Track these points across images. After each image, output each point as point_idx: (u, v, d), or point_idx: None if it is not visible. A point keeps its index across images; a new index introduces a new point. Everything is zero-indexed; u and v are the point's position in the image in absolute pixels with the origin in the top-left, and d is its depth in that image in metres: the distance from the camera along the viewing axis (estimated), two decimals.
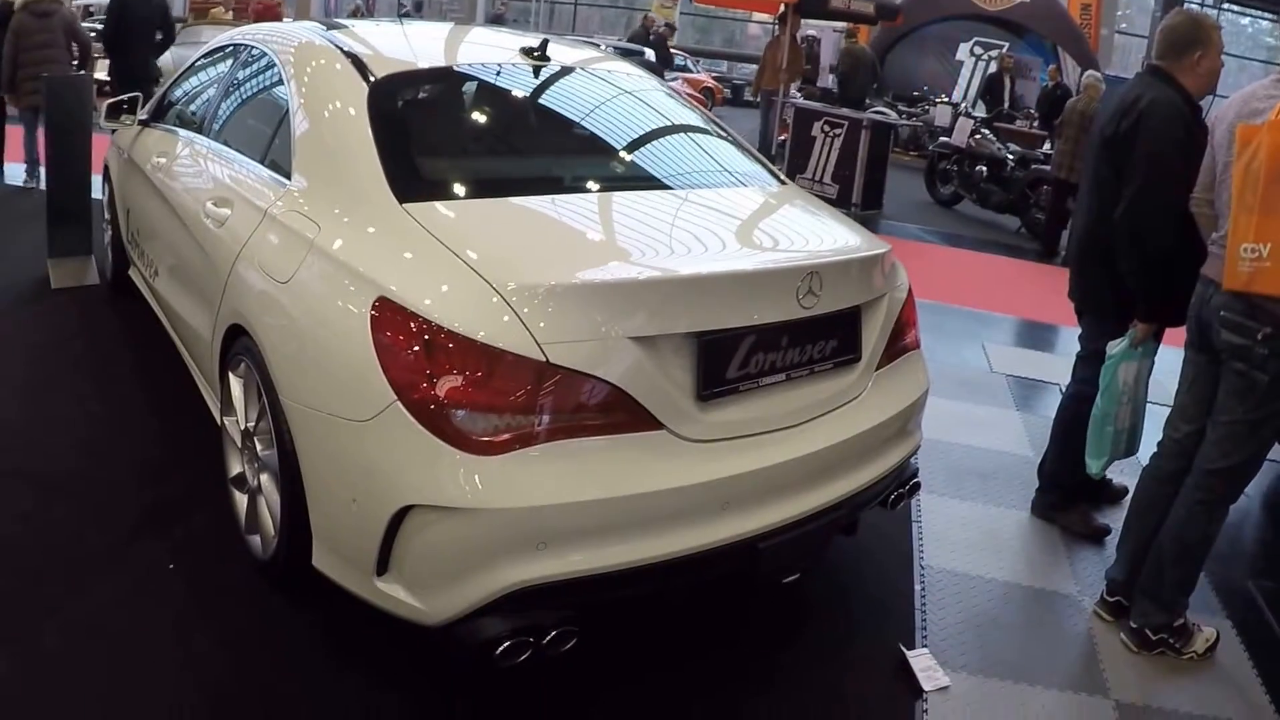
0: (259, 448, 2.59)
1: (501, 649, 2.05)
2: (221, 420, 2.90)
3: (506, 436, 2.02)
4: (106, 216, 5.02)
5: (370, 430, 2.10)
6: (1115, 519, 3.65)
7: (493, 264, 2.15)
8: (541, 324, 2.05)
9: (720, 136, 3.36)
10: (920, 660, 2.76)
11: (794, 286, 2.37)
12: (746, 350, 2.31)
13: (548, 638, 2.10)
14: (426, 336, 2.06)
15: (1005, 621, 3.04)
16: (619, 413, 2.11)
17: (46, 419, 3.56)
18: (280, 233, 2.61)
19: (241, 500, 2.76)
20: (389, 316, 2.12)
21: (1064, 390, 3.73)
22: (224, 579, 2.71)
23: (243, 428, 2.70)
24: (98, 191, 5.39)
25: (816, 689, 2.62)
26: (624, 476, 2.09)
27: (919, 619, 2.98)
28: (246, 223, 2.78)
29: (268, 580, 2.65)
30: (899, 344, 2.80)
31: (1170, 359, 3.29)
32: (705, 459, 2.20)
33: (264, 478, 2.56)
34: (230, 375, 2.77)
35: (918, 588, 3.16)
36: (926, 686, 2.65)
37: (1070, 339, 6.45)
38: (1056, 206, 8.88)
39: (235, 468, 2.80)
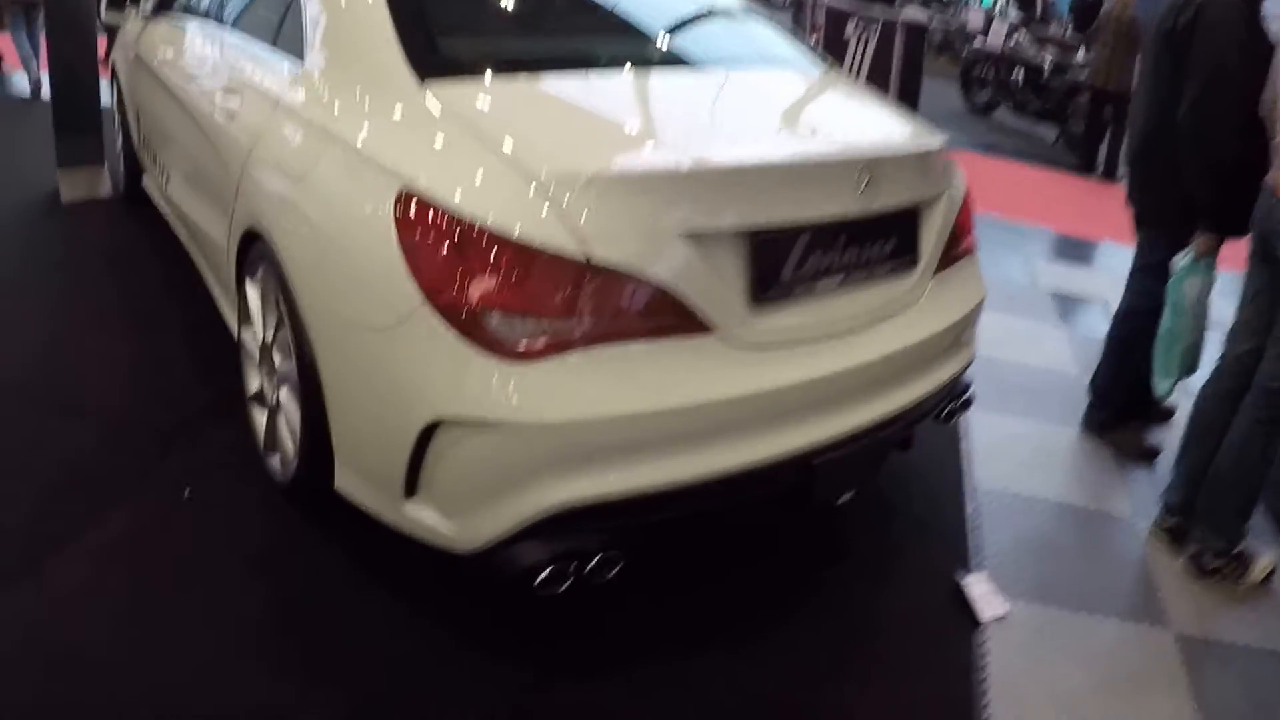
0: (278, 360, 2.38)
1: (541, 577, 1.86)
2: (239, 333, 2.69)
3: (544, 343, 1.80)
4: (117, 121, 4.74)
5: (396, 337, 1.89)
6: (1164, 439, 3.51)
7: (527, 151, 1.91)
8: (583, 218, 1.81)
9: (758, 19, 3.09)
10: (977, 586, 2.59)
11: (853, 179, 2.12)
12: (802, 250, 2.07)
13: (591, 564, 1.91)
14: (456, 233, 1.83)
15: (1060, 545, 2.88)
16: (667, 317, 1.89)
17: (59, 340, 3.36)
18: (293, 124, 2.36)
19: (261, 418, 2.57)
20: (414, 211, 1.89)
21: (1119, 303, 3.52)
22: (244, 503, 2.52)
23: (260, 340, 2.49)
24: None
25: (870, 616, 2.44)
26: (673, 386, 1.87)
27: (972, 541, 2.81)
28: (258, 115, 2.53)
29: (290, 503, 2.46)
30: (956, 248, 2.56)
31: (1224, 277, 3.10)
32: (759, 367, 1.98)
33: (283, 393, 2.36)
34: (247, 284, 2.55)
35: (969, 508, 2.99)
36: (984, 615, 2.48)
37: (1112, 255, 6.22)
38: (1094, 117, 8.48)
39: (254, 384, 2.61)
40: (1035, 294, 5.11)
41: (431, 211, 1.87)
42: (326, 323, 2.08)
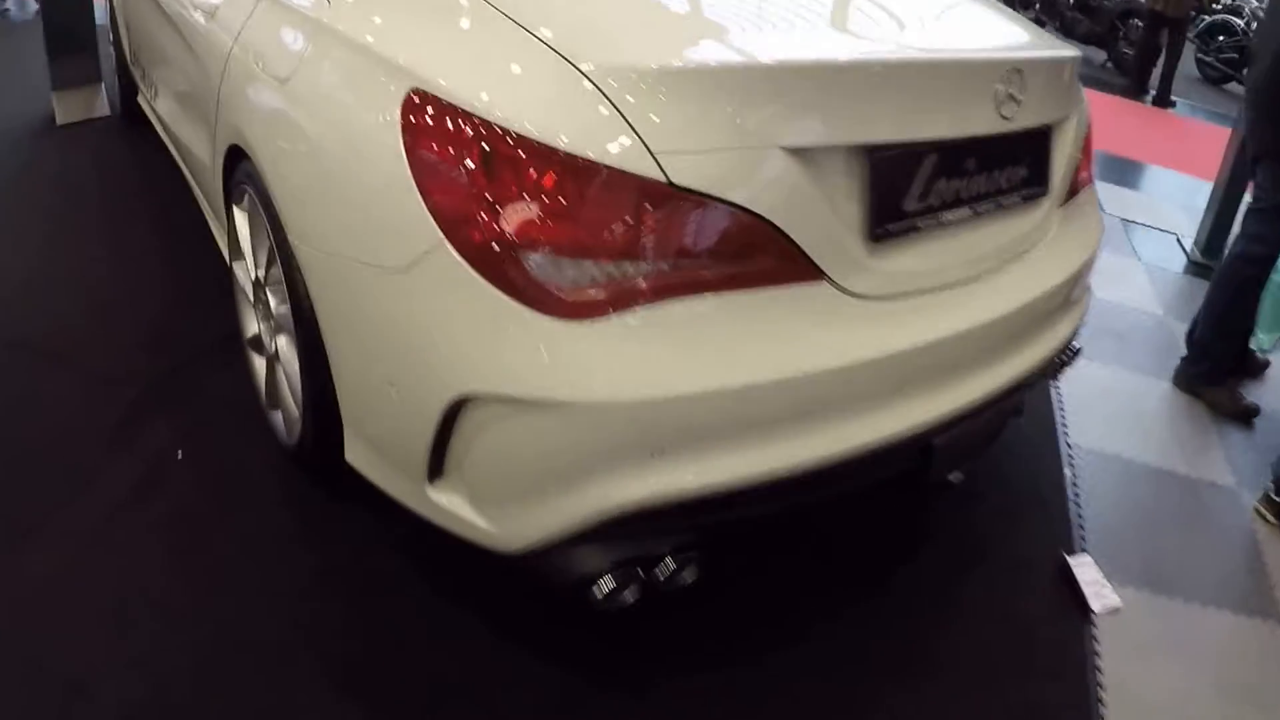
0: (272, 302, 1.91)
1: (601, 590, 1.43)
2: (230, 267, 2.23)
3: (607, 293, 1.32)
4: (110, 37, 4.25)
5: (408, 284, 1.41)
6: (1262, 397, 3.13)
7: (579, 37, 1.40)
8: (656, 125, 1.32)
9: None
10: (1085, 570, 2.19)
11: (992, 89, 1.63)
12: (928, 174, 1.58)
13: (664, 572, 1.47)
14: (485, 145, 1.34)
15: (1164, 520, 2.49)
16: (765, 258, 1.41)
17: (48, 276, 2.89)
18: (279, 12, 1.86)
19: (260, 367, 2.12)
20: (429, 118, 1.39)
21: (1230, 248, 3.12)
22: (243, 467, 2.07)
23: (253, 276, 2.03)
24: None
25: (965, 608, 2.03)
26: (776, 350, 1.40)
27: (1074, 513, 2.39)
28: (239, 7, 2.02)
29: (298, 468, 2.02)
30: (1079, 177, 2.08)
31: None
32: (878, 323, 1.51)
33: (281, 341, 1.90)
34: (235, 210, 2.08)
35: (1067, 473, 2.56)
36: (1095, 606, 2.10)
37: (1170, 183, 5.73)
38: (1149, 41, 7.90)
39: (251, 327, 2.15)
40: (1107, 222, 4.62)
41: (450, 118, 1.37)
42: (322, 260, 1.60)
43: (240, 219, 2.04)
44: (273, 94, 1.75)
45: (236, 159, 1.97)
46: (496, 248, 1.32)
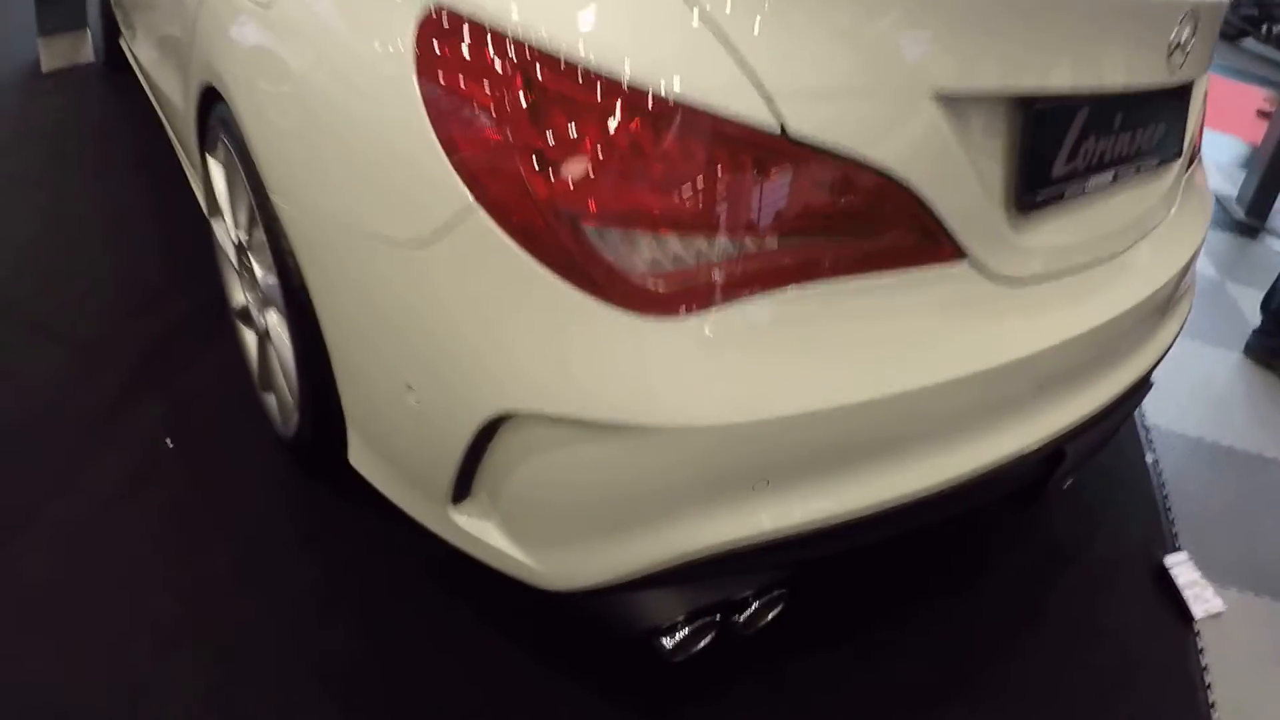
0: (258, 271, 1.55)
1: (672, 639, 1.09)
2: (211, 226, 1.87)
3: (699, 280, 0.96)
4: None
5: (428, 262, 1.04)
6: None
7: None
8: (769, 54, 0.94)
9: None
10: (1183, 571, 1.88)
11: (1168, 35, 1.27)
12: (1077, 132, 1.22)
13: (744, 613, 1.14)
14: (529, 78, 0.96)
15: (1258, 510, 2.19)
16: (900, 232, 1.05)
17: (28, 237, 2.53)
18: None
19: (250, 342, 1.76)
20: (453, 43, 1.00)
21: None
22: (238, 457, 1.73)
23: (234, 239, 1.67)
24: None
25: (1056, 614, 1.73)
26: (910, 352, 1.05)
27: (1162, 505, 2.07)
28: None
29: (296, 462, 1.68)
30: (1197, 142, 1.73)
31: None
32: (1026, 313, 1.16)
33: (272, 317, 1.54)
34: (210, 160, 1.70)
35: (1149, 459, 2.23)
36: (1196, 612, 1.80)
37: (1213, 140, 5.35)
38: None
39: (238, 296, 1.79)
40: None
41: (482, 43, 0.98)
42: (312, 225, 1.23)
43: (216, 171, 1.66)
44: (251, 22, 1.35)
45: (212, 101, 1.58)
46: (548, 215, 0.95)
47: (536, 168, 0.95)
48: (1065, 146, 1.20)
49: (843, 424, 1.00)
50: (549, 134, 0.95)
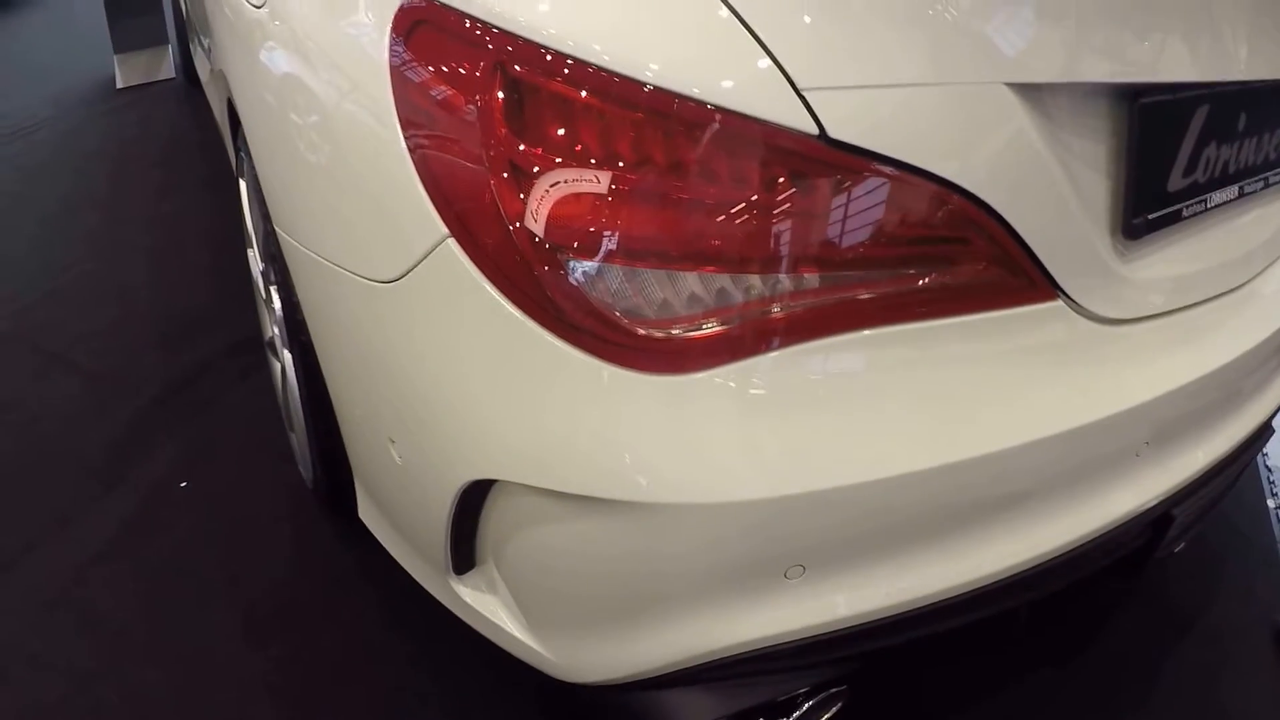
0: (276, 304, 1.44)
1: None
2: (247, 254, 1.77)
3: (720, 327, 0.78)
4: None
5: (398, 304, 0.89)
6: None
7: None
8: (803, 43, 0.75)
9: None
10: None
11: None
12: (1196, 135, 0.99)
13: (795, 715, 0.96)
14: (510, 73, 0.78)
15: None
16: (973, 263, 0.85)
17: (72, 260, 2.50)
18: None
19: (277, 375, 1.65)
20: (428, 34, 0.85)
21: None
22: (256, 507, 1.60)
23: (260, 267, 1.56)
24: None
25: (1168, 688, 1.49)
26: (988, 409, 0.85)
27: None
28: None
29: (319, 508, 1.56)
30: None
31: None
32: (1133, 359, 0.95)
33: (286, 355, 1.43)
34: (241, 184, 1.60)
35: (1271, 503, 1.96)
36: None
37: None
38: None
39: (268, 327, 1.69)
40: None
41: (459, 32, 0.81)
42: (305, 260, 1.09)
43: (243, 192, 1.56)
44: (250, 28, 1.23)
45: (239, 121, 1.48)
46: (525, 247, 0.78)
47: (510, 185, 0.77)
48: (1183, 154, 0.99)
49: (894, 498, 0.81)
50: (523, 142, 0.77)
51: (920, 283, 0.82)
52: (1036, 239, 0.85)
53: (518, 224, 0.77)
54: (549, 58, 0.76)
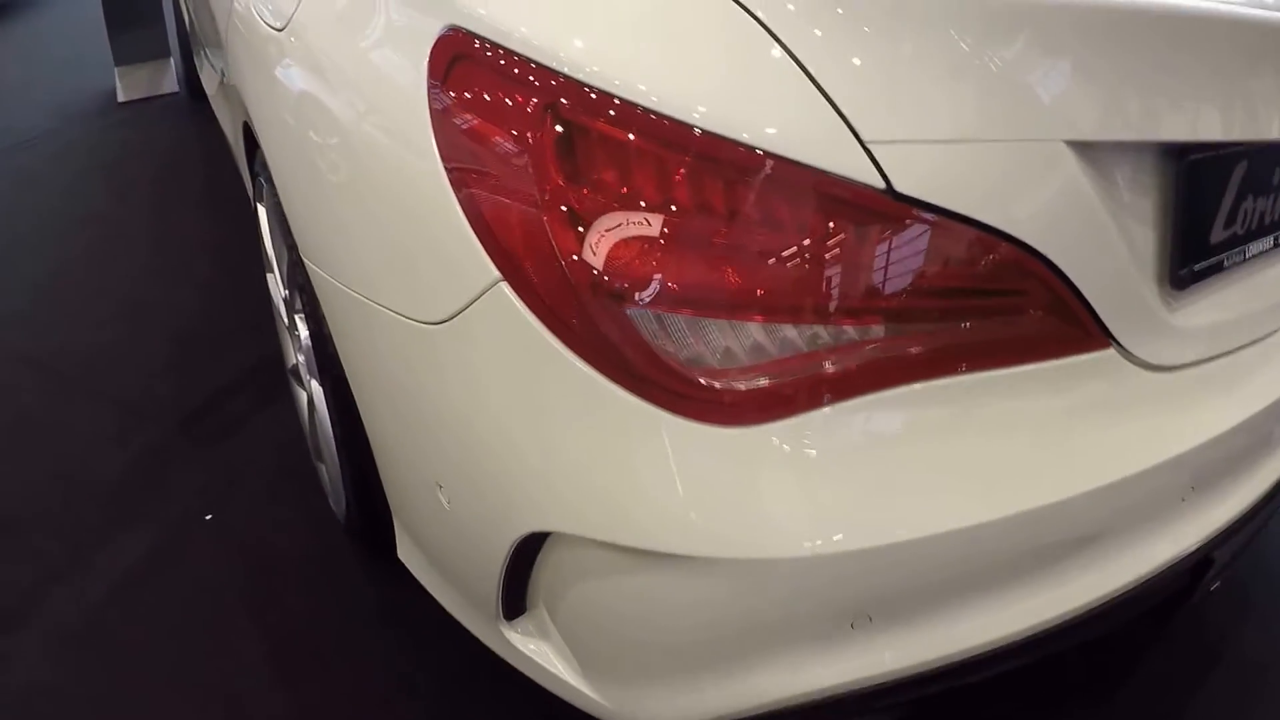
0: (302, 333, 1.42)
1: None
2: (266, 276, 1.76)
3: (784, 379, 0.79)
4: (175, 9, 3.83)
5: (447, 347, 0.89)
6: None
7: None
8: (868, 94, 0.76)
9: None
10: None
11: None
12: (1236, 189, 1.01)
13: None
14: (565, 116, 0.78)
15: None
16: (1032, 315, 0.86)
17: (81, 279, 2.45)
18: None
19: (303, 405, 1.64)
20: (475, 71, 0.84)
21: None
22: (284, 541, 1.57)
23: (283, 293, 1.55)
24: None
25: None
26: (1045, 460, 0.86)
27: None
28: None
29: (351, 542, 1.54)
30: None
31: None
32: (1178, 405, 0.96)
33: (314, 387, 1.42)
34: (259, 208, 1.59)
35: None
36: None
37: None
38: None
39: (290, 355, 1.68)
40: None
41: (509, 71, 0.80)
42: (338, 294, 1.07)
43: (262, 217, 1.55)
44: (269, 49, 1.21)
45: (255, 143, 1.47)
46: (585, 292, 0.78)
47: (565, 229, 0.77)
48: (1224, 207, 1.00)
49: (960, 549, 0.82)
50: (577, 185, 0.77)
51: (979, 334, 0.84)
52: (1092, 289, 0.86)
53: (574, 269, 0.77)
54: (596, 97, 0.76)
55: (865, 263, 0.78)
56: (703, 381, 0.78)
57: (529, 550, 0.89)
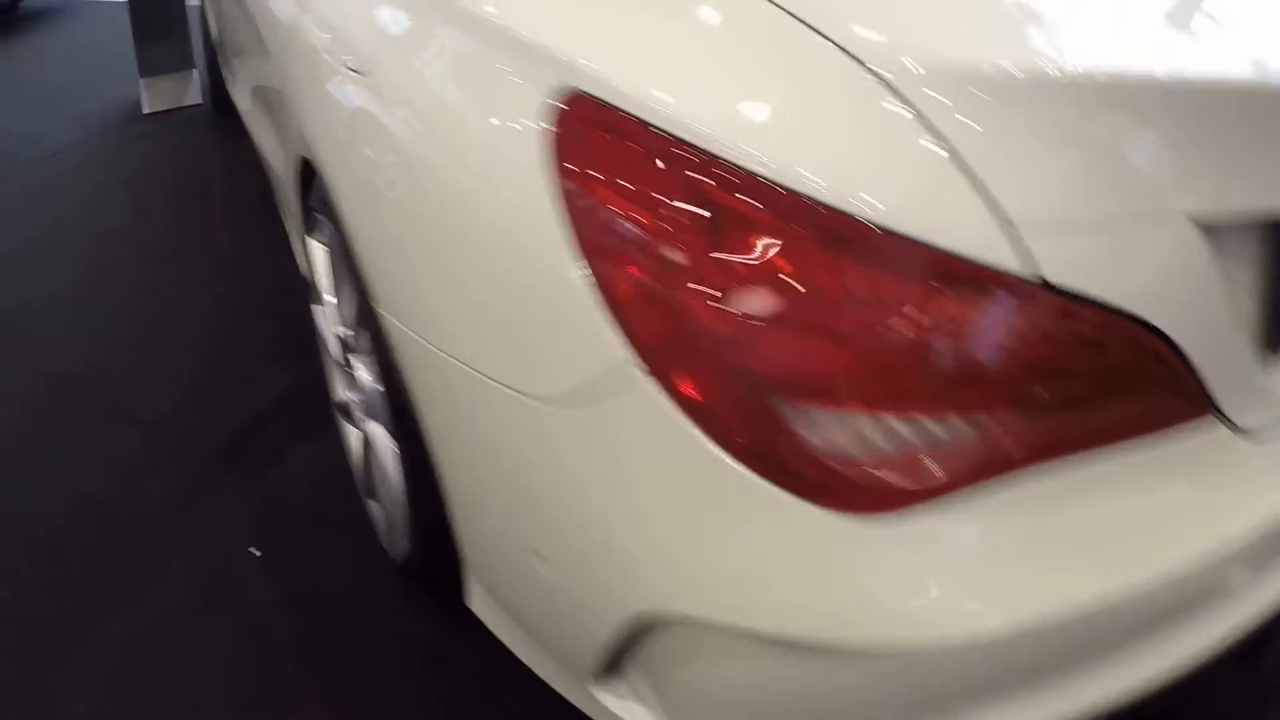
0: (362, 377, 1.40)
1: None
2: (312, 308, 1.74)
3: (920, 470, 0.77)
4: (202, 20, 3.82)
5: (566, 427, 0.85)
6: None
7: (864, 19, 0.80)
8: (1015, 176, 0.74)
9: None
10: None
11: None
12: None
13: None
14: (704, 194, 0.75)
15: None
16: (1147, 390, 0.84)
17: (109, 298, 2.41)
18: None
19: (355, 441, 1.59)
20: (599, 145, 0.81)
21: None
22: (334, 575, 1.55)
23: (338, 332, 1.53)
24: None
25: None
26: (1162, 530, 0.85)
27: None
28: None
29: (405, 580, 1.51)
30: None
31: None
32: (1271, 465, 0.95)
33: (374, 429, 1.39)
34: (312, 241, 1.56)
35: None
36: None
37: None
38: None
39: (338, 391, 1.65)
40: None
41: (637, 144, 0.78)
42: (425, 355, 1.04)
43: (319, 254, 1.53)
44: (347, 91, 1.17)
45: (312, 176, 1.43)
46: (733, 383, 0.76)
47: (717, 316, 0.75)
48: None
49: (1081, 626, 0.81)
50: (724, 271, 0.75)
51: (1102, 412, 0.82)
52: (1204, 361, 0.85)
53: (725, 359, 0.75)
54: (740, 179, 0.74)
55: (1017, 354, 0.77)
56: (841, 470, 0.76)
57: (636, 629, 0.87)
